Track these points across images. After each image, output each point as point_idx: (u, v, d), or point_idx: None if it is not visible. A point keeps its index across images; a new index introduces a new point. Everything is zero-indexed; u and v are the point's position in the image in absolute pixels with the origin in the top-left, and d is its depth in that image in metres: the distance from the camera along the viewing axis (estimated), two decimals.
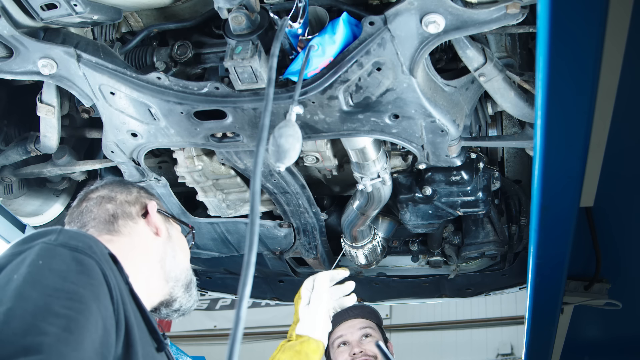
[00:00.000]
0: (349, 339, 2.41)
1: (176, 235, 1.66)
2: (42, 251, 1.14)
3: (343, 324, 2.45)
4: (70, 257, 1.14)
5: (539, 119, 1.31)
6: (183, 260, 1.62)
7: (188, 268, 1.64)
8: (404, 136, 1.83)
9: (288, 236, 2.54)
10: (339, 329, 2.45)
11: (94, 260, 1.16)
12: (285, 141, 1.29)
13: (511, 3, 1.43)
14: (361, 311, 2.46)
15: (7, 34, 1.69)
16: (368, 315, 2.46)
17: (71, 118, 2.27)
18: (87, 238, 1.23)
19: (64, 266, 1.12)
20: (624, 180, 1.89)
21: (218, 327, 8.84)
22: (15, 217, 2.36)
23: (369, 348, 2.34)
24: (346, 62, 1.60)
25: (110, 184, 1.64)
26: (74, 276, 1.11)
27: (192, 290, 1.63)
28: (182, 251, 1.64)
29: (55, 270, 1.11)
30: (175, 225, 1.70)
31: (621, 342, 3.07)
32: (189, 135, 1.90)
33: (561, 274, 1.98)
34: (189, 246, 1.72)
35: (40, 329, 0.99)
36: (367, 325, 2.43)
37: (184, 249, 1.66)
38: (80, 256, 1.15)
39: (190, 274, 1.64)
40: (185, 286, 1.60)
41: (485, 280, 2.84)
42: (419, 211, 2.23)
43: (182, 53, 1.87)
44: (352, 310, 2.42)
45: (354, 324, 2.44)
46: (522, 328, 2.37)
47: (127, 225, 1.53)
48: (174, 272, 1.57)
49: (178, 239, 1.66)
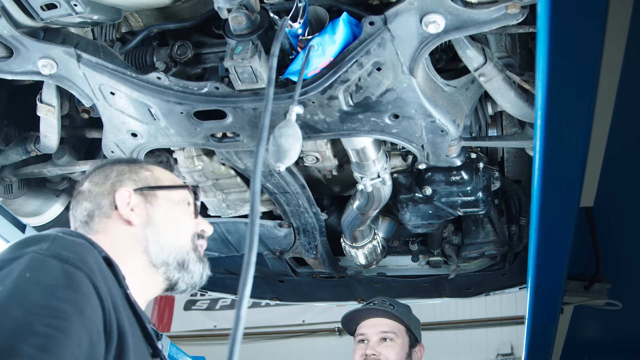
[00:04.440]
0: (368, 338, 2.38)
1: (161, 213, 1.51)
2: (31, 262, 1.12)
3: (368, 320, 2.41)
4: (59, 270, 1.13)
5: (539, 119, 1.30)
6: (169, 241, 1.49)
7: (180, 246, 1.50)
8: (404, 136, 1.83)
9: (288, 236, 2.54)
10: (363, 325, 2.41)
11: (84, 273, 1.14)
12: (285, 141, 1.29)
13: (511, 3, 1.43)
14: (387, 313, 2.39)
15: (7, 34, 1.69)
16: (395, 318, 2.38)
17: (71, 118, 2.27)
18: (80, 247, 1.21)
19: (52, 280, 1.10)
20: (624, 180, 1.89)
21: (218, 327, 8.83)
22: (15, 217, 2.36)
23: (385, 352, 2.31)
24: (346, 62, 1.60)
25: (93, 172, 1.57)
26: (61, 291, 1.10)
27: (189, 267, 1.50)
28: (168, 231, 1.50)
29: (42, 285, 1.09)
30: (161, 200, 1.53)
31: (621, 342, 3.07)
32: (189, 135, 1.90)
33: (561, 274, 1.98)
34: (192, 207, 1.58)
35: (15, 350, 0.98)
36: (391, 330, 2.36)
37: (172, 227, 1.51)
38: (69, 269, 1.14)
39: (182, 252, 1.49)
40: (180, 266, 1.48)
41: (485, 280, 2.83)
42: (419, 211, 2.23)
43: (182, 53, 1.87)
44: (377, 310, 2.40)
45: (377, 324, 2.39)
46: (522, 328, 2.37)
47: (100, 222, 1.47)
48: (160, 256, 1.46)
49: (164, 217, 1.51)
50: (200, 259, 1.53)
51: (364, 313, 2.42)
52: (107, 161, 1.63)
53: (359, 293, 3.11)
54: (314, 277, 2.97)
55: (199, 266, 1.52)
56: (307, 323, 8.57)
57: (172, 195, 1.56)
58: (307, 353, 8.49)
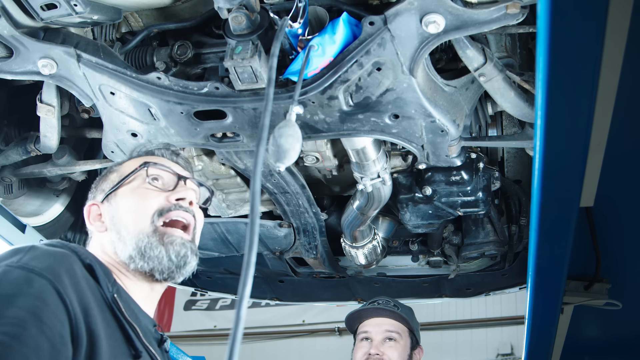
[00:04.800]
0: (372, 337, 2.39)
1: (118, 209, 1.47)
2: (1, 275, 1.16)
3: (372, 319, 2.42)
4: (22, 279, 1.15)
5: (539, 119, 1.30)
6: (128, 232, 1.43)
7: (137, 233, 1.41)
8: (404, 136, 1.83)
9: (288, 236, 2.54)
10: (367, 324, 2.42)
11: (46, 280, 1.16)
12: (285, 141, 1.29)
13: (511, 3, 1.43)
14: (394, 314, 2.40)
15: (7, 34, 1.69)
16: (400, 318, 2.40)
17: (71, 118, 2.27)
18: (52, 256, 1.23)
19: (13, 290, 1.13)
20: (624, 181, 1.89)
21: (218, 327, 8.83)
22: (15, 217, 2.36)
23: (388, 353, 2.32)
24: (346, 62, 1.60)
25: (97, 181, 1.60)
26: (19, 299, 1.12)
27: (148, 253, 1.40)
28: (124, 222, 1.44)
29: (3, 295, 1.12)
30: (120, 195, 1.49)
31: (621, 342, 3.07)
32: (189, 135, 1.90)
33: (561, 274, 1.98)
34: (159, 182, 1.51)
35: None
36: (395, 330, 2.37)
37: (126, 216, 1.45)
38: (32, 277, 1.16)
39: (140, 238, 1.41)
40: (141, 255, 1.40)
41: (485, 280, 2.84)
42: (419, 211, 2.23)
43: (182, 53, 1.87)
44: (384, 309, 2.40)
45: (382, 323, 2.40)
46: (522, 328, 2.37)
47: (91, 236, 1.53)
48: (125, 252, 1.41)
49: (120, 211, 1.46)
50: (161, 241, 1.41)
51: (370, 312, 2.42)
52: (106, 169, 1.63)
53: (359, 293, 3.11)
54: (314, 277, 2.97)
55: (160, 250, 1.40)
56: (307, 323, 8.58)
57: (132, 184, 1.51)
58: (307, 353, 8.49)
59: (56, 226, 2.60)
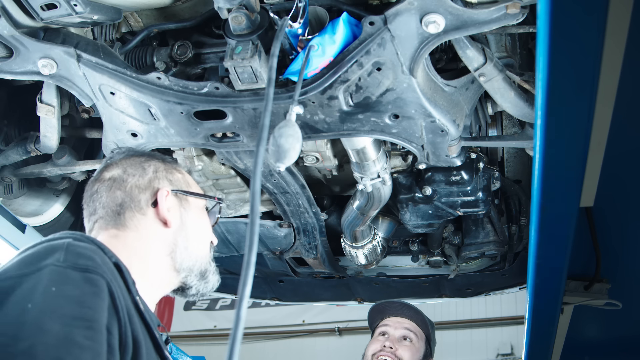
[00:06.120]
0: (390, 332, 2.40)
1: (192, 219, 1.52)
2: (53, 275, 1.11)
3: (393, 317, 2.44)
4: (82, 279, 1.12)
5: (539, 119, 1.31)
6: (197, 249, 1.51)
7: (204, 256, 1.53)
8: (404, 136, 1.83)
9: (288, 236, 2.54)
10: (388, 320, 2.44)
11: (104, 280, 1.14)
12: (285, 141, 1.29)
13: (511, 3, 1.43)
14: (417, 316, 2.43)
15: (7, 34, 1.69)
16: (421, 323, 2.42)
17: (71, 118, 2.27)
18: (93, 253, 1.19)
19: (78, 291, 1.10)
20: (624, 181, 1.89)
21: (218, 327, 8.84)
22: (15, 217, 2.36)
23: (401, 351, 2.33)
24: (346, 62, 1.60)
25: (126, 160, 1.53)
26: (90, 300, 1.10)
27: (208, 277, 1.53)
28: (196, 239, 1.52)
29: (71, 297, 1.09)
30: (192, 206, 1.55)
31: (621, 342, 3.07)
32: (189, 135, 1.90)
33: (561, 274, 1.98)
34: (215, 218, 1.63)
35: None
36: (413, 331, 2.39)
37: (199, 235, 1.54)
38: (91, 276, 1.13)
39: (206, 262, 1.53)
40: (200, 275, 1.51)
41: (485, 280, 2.84)
42: (419, 211, 2.23)
43: (182, 53, 1.87)
44: (409, 309, 2.43)
45: (403, 322, 2.42)
46: (522, 328, 2.37)
47: (134, 217, 1.43)
48: (186, 262, 1.47)
49: (194, 224, 1.53)
50: (217, 270, 1.57)
51: (394, 307, 2.45)
52: (139, 152, 1.60)
53: (359, 293, 3.11)
54: (314, 277, 2.97)
55: (215, 277, 1.56)
56: (307, 323, 8.58)
57: (199, 202, 1.58)
58: (307, 353, 8.49)
59: (56, 226, 2.60)
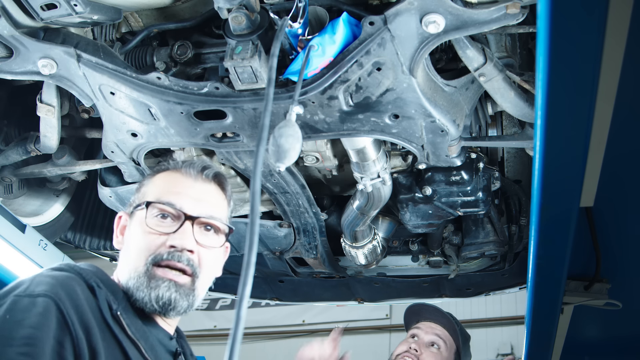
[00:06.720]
0: (420, 336, 2.42)
1: (130, 233, 1.47)
2: (9, 305, 1.22)
3: (428, 323, 2.46)
4: (30, 304, 1.22)
5: (539, 119, 1.30)
6: (128, 262, 1.43)
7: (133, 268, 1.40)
8: (404, 136, 1.83)
9: (288, 236, 2.54)
10: (422, 324, 2.46)
11: (53, 301, 1.23)
12: (285, 141, 1.29)
13: (511, 3, 1.43)
14: (450, 325, 2.44)
15: (7, 34, 1.69)
16: (453, 331, 2.44)
17: (71, 118, 2.27)
18: (54, 279, 1.29)
19: (25, 314, 1.20)
20: (624, 180, 1.88)
21: (218, 327, 8.84)
22: (15, 217, 2.36)
23: (425, 357, 2.34)
24: (346, 62, 1.60)
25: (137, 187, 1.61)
26: (33, 320, 1.19)
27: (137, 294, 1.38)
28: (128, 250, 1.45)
29: (16, 321, 1.19)
30: (135, 218, 1.46)
31: (621, 342, 3.07)
32: (189, 135, 1.90)
33: (561, 274, 1.98)
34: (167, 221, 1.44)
35: None
36: (444, 339, 2.41)
37: (131, 246, 1.44)
38: (38, 300, 1.23)
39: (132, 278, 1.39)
40: (131, 293, 1.39)
41: (485, 280, 2.84)
42: (419, 211, 2.23)
43: (182, 53, 1.87)
44: (443, 317, 2.45)
45: (435, 328, 2.44)
46: (522, 328, 2.37)
47: None
48: (124, 279, 1.42)
49: (130, 237, 1.46)
50: (148, 285, 1.38)
51: (430, 311, 2.46)
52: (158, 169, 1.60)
53: (359, 293, 3.11)
54: (314, 277, 2.97)
55: (145, 293, 1.38)
56: (307, 323, 8.58)
57: (140, 214, 1.45)
58: None
59: (56, 226, 2.60)
